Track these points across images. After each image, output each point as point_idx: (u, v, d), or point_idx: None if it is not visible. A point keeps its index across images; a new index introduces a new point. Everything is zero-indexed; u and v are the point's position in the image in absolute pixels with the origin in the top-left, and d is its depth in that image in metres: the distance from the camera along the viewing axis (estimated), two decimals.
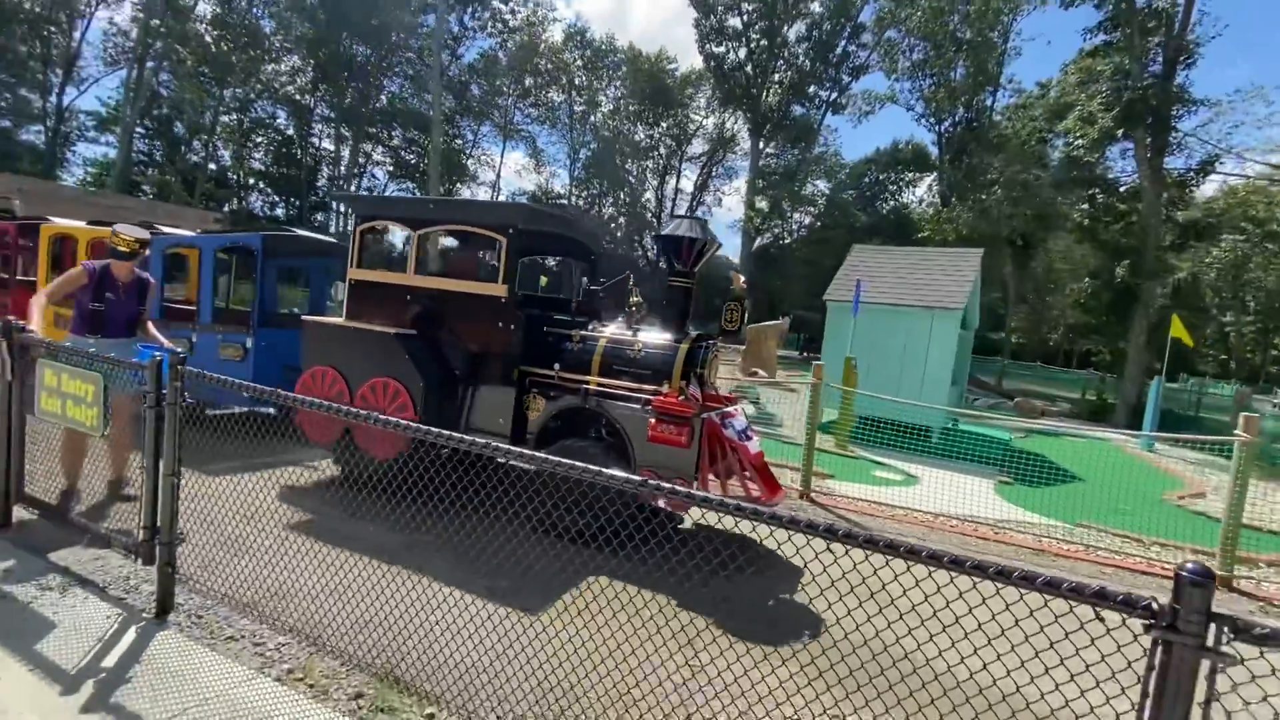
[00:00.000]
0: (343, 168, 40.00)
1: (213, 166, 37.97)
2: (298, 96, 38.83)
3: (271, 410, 6.51)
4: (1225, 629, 1.39)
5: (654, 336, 4.84)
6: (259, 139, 39.76)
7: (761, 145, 36.04)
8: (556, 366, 4.79)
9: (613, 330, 4.96)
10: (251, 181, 40.90)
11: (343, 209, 38.53)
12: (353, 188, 39.25)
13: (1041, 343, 42.64)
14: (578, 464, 2.15)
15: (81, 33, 31.26)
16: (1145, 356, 17.60)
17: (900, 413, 9.42)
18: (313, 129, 40.53)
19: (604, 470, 2.09)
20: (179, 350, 3.22)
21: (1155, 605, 1.44)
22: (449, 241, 5.56)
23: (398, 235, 5.29)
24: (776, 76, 34.03)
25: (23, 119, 31.06)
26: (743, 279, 4.86)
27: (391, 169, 43.18)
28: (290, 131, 40.02)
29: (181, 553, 3.36)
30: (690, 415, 4.26)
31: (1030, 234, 31.71)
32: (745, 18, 33.01)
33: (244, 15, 34.68)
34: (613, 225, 50.00)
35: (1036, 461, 9.08)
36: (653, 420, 4.34)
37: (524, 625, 3.25)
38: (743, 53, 33.76)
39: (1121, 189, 20.67)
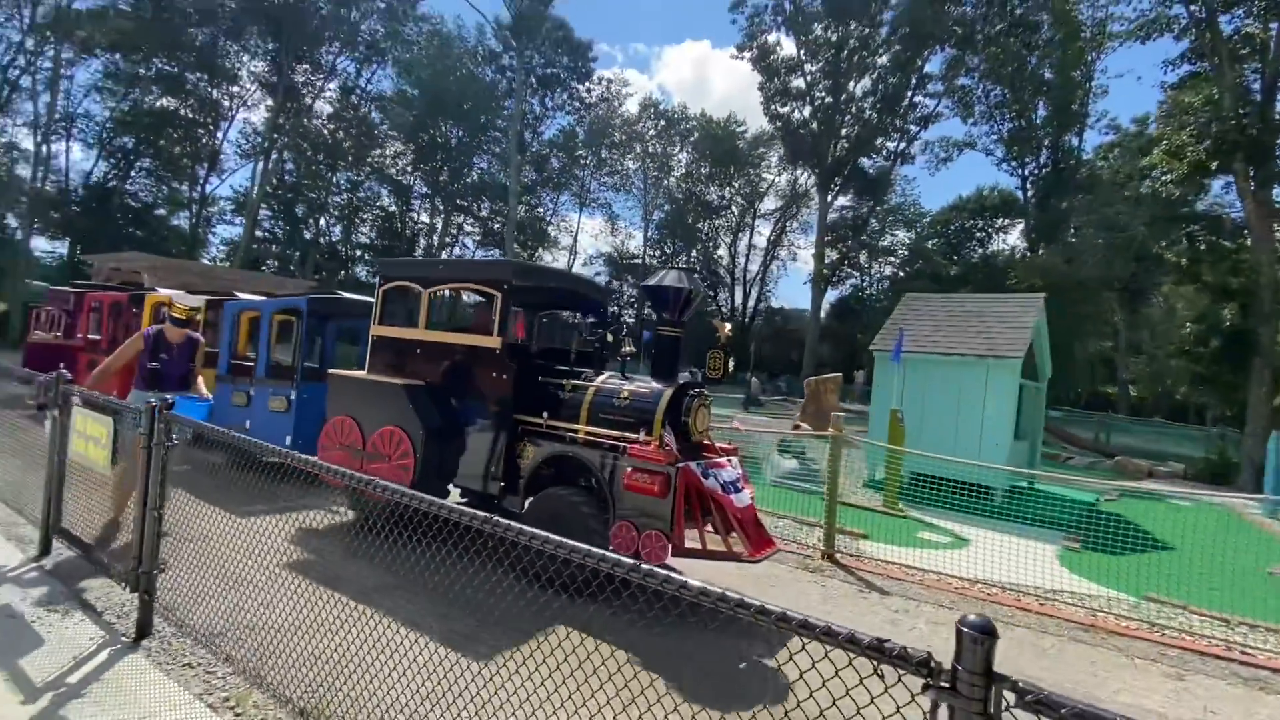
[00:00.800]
0: (435, 238, 43.25)
1: (325, 240, 42.21)
2: (399, 177, 42.82)
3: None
4: (1006, 691, 1.23)
5: (640, 385, 4.87)
6: (365, 215, 43.95)
7: (830, 199, 35.81)
8: (545, 414, 4.90)
9: (603, 379, 5.04)
10: (358, 254, 44.95)
11: None
12: (444, 255, 42.26)
13: (1166, 396, 38.51)
14: (532, 531, 2.06)
15: (224, 132, 36.26)
16: (1267, 409, 15.53)
17: (958, 470, 8.71)
18: (412, 205, 44.36)
19: (552, 538, 2.01)
20: (211, 400, 3.58)
21: (933, 663, 1.30)
22: (457, 298, 5.90)
23: (414, 294, 5.68)
24: (844, 131, 34.05)
25: (174, 207, 36.03)
26: (728, 327, 4.84)
27: (479, 237, 46.27)
28: (393, 208, 43.99)
29: (178, 584, 3.64)
30: (663, 464, 4.21)
31: (1135, 278, 29.27)
32: (808, 78, 33.51)
33: (355, 109, 39.03)
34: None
35: (1121, 526, 8.09)
36: (628, 469, 4.32)
37: (469, 673, 3.25)
38: (807, 111, 34.13)
39: (1227, 226, 18.84)
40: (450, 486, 5.43)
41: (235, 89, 35.52)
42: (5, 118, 29.05)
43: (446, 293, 5.59)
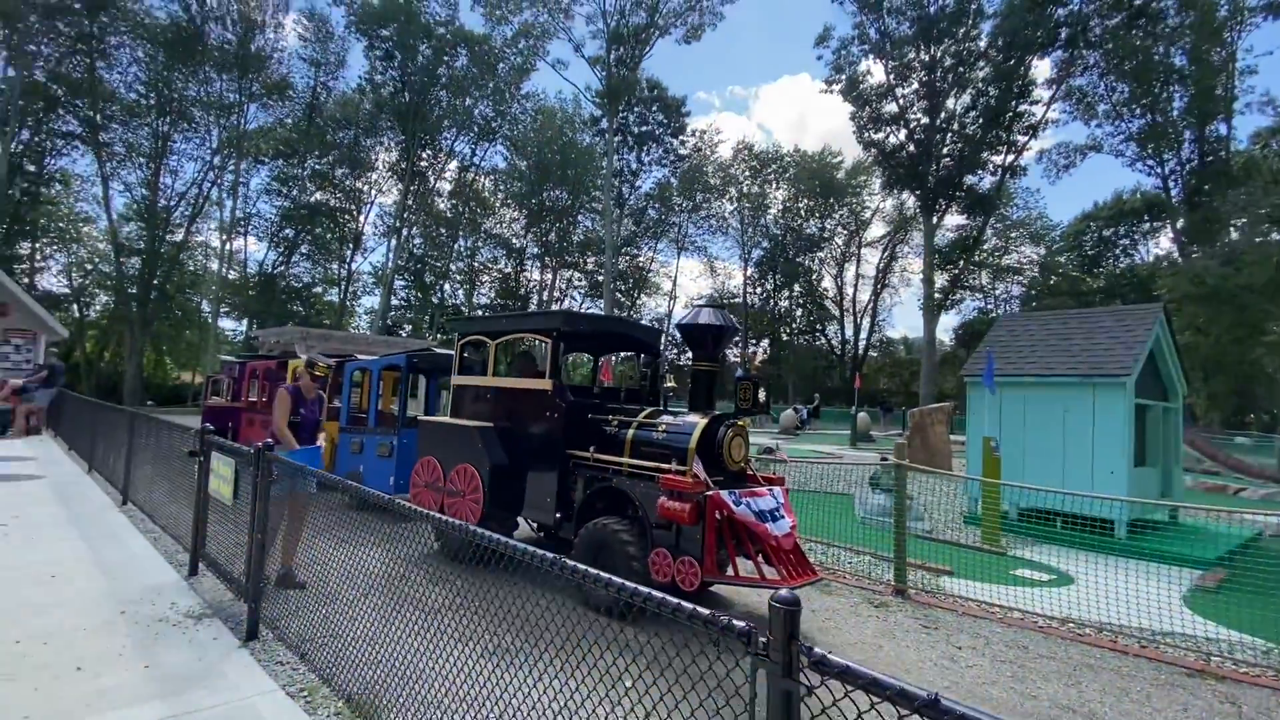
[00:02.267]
0: (546, 294, 46.08)
1: (451, 303, 46.29)
2: (513, 240, 46.41)
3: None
4: (803, 656, 1.41)
5: (677, 419, 5.14)
6: (485, 278, 47.86)
7: (936, 220, 34.18)
8: (591, 449, 5.29)
9: (645, 414, 5.36)
10: (480, 312, 48.88)
11: None
12: (555, 307, 44.84)
13: None
14: (563, 561, 2.13)
15: (365, 216, 41.42)
16: None
17: (1071, 503, 7.92)
18: (525, 264, 47.80)
19: (580, 567, 2.07)
20: (321, 446, 4.34)
21: (753, 634, 1.50)
22: (520, 348, 6.53)
23: (484, 346, 6.38)
24: (945, 150, 32.65)
25: (326, 284, 41.36)
26: (756, 359, 5.01)
27: (585, 289, 48.68)
28: (508, 269, 47.60)
29: (286, 598, 4.36)
30: (690, 491, 4.42)
31: None
32: (901, 102, 32.67)
33: (471, 184, 43.11)
34: (788, 318, 49.90)
35: None
36: (661, 498, 4.58)
37: (504, 681, 3.62)
38: (902, 134, 33.15)
39: None
40: (520, 519, 5.93)
41: (373, 176, 40.71)
42: (202, 222, 35.21)
43: (511, 343, 6.24)
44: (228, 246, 35.58)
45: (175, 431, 6.62)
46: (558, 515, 5.41)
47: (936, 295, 33.97)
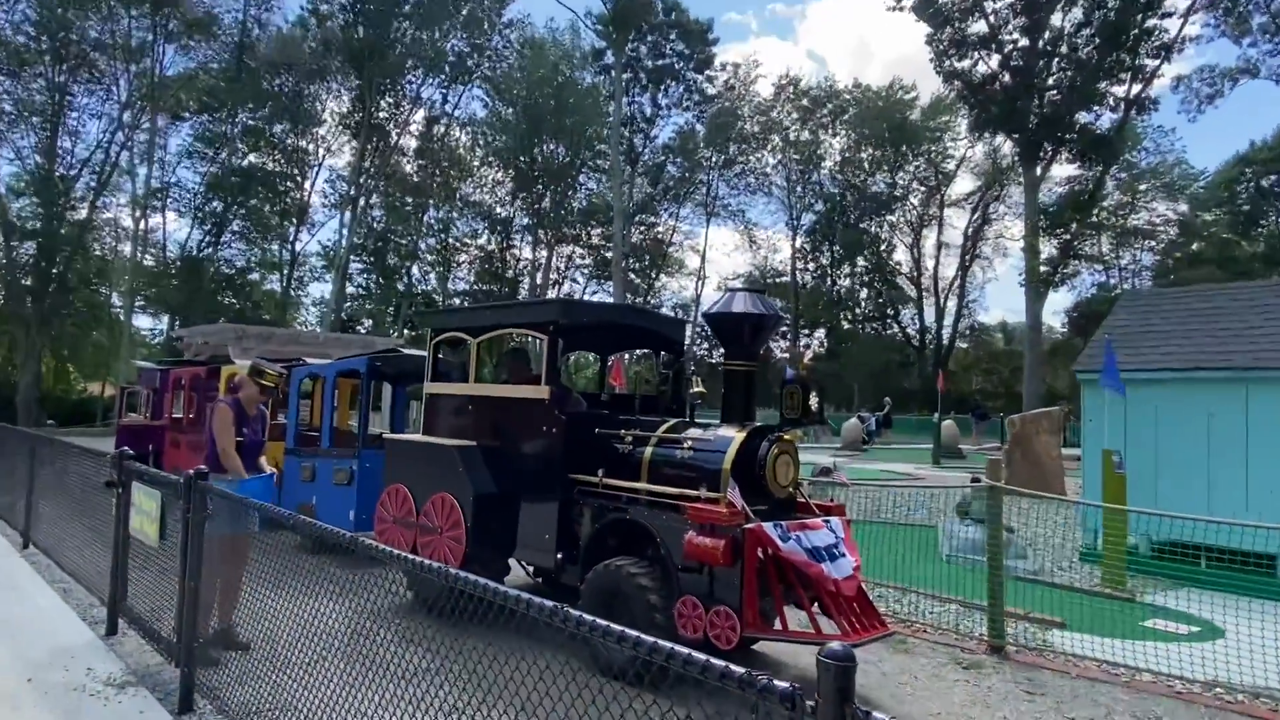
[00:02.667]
0: (539, 276, 46.40)
1: (420, 291, 46.86)
2: (497, 209, 46.79)
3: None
4: None
5: (707, 433, 5.21)
6: (462, 258, 48.31)
7: (1041, 171, 33.82)
8: (600, 472, 5.38)
9: (666, 427, 5.44)
10: (456, 301, 49.37)
11: None
12: (551, 293, 45.15)
13: None
14: (566, 611, 2.09)
15: (311, 182, 42.06)
16: None
17: (1220, 533, 7.76)
18: (513, 240, 48.15)
19: (588, 619, 2.05)
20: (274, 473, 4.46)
21: (798, 698, 1.57)
22: (507, 346, 6.65)
23: (463, 346, 6.51)
24: (1050, 80, 32.28)
25: (265, 269, 42.08)
26: (807, 357, 5.08)
27: (591, 269, 48.93)
28: (491, 246, 48.00)
29: (226, 661, 4.50)
30: (725, 524, 4.49)
31: None
32: (992, 19, 32.33)
33: (443, 139, 43.52)
34: (850, 301, 49.72)
35: None
36: (688, 533, 4.65)
37: None
38: (995, 61, 32.81)
39: None
40: (512, 561, 6.04)
41: (320, 133, 41.26)
42: (110, 196, 35.97)
43: (497, 340, 6.35)
44: (142, 225, 36.37)
45: (87, 458, 6.84)
46: (559, 556, 5.51)
47: (1042, 268, 33.55)
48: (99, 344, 37.22)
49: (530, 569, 6.48)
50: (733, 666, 1.66)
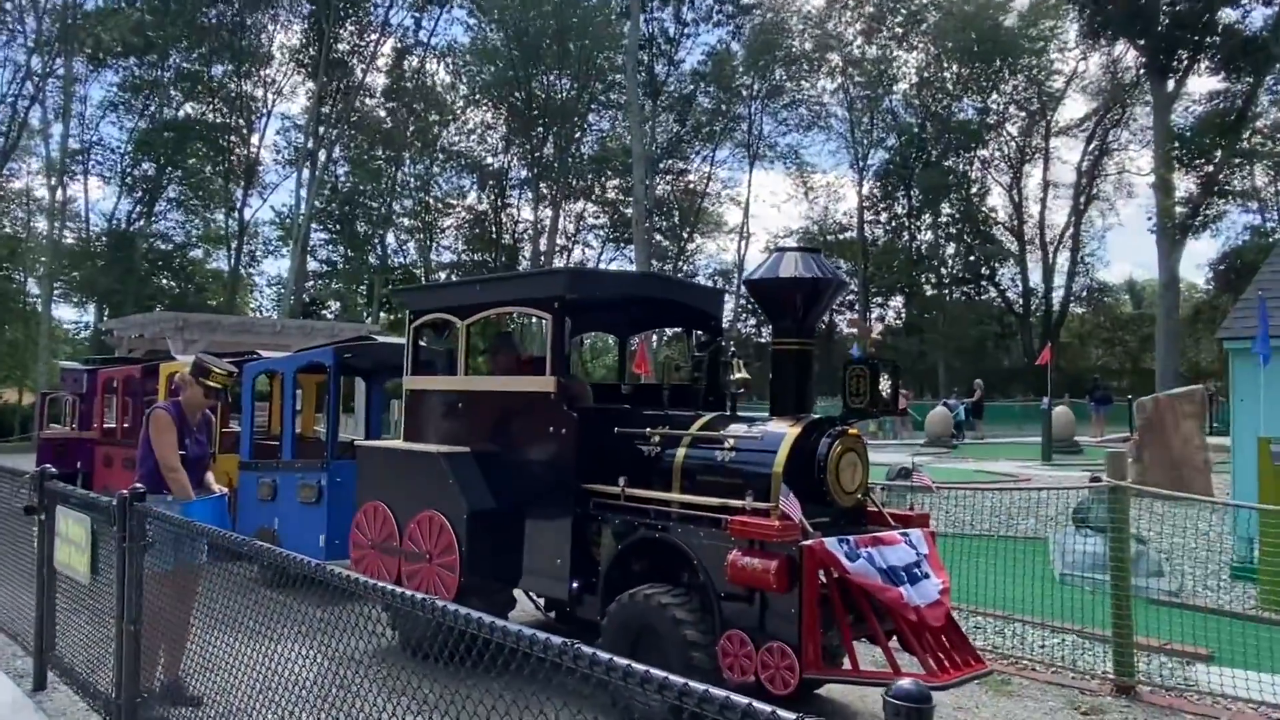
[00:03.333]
0: (543, 242, 46.48)
1: (397, 264, 47.22)
2: (487, 159, 46.88)
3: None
4: None
5: (753, 429, 5.21)
6: (446, 222, 48.52)
7: (1174, 88, 33.17)
8: (621, 481, 5.41)
9: (703, 423, 5.44)
10: (441, 276, 49.70)
11: None
12: (557, 262, 45.27)
13: None
14: (579, 649, 1.98)
15: (260, 135, 42.45)
16: None
17: None
18: (509, 196, 48.20)
19: (612, 660, 1.95)
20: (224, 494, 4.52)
21: None
22: (505, 329, 6.70)
23: (451, 330, 6.56)
24: None
25: (209, 243, 42.62)
26: (873, 332, 5.05)
27: (607, 228, 48.91)
28: (483, 205, 48.14)
29: (181, 718, 4.62)
30: (778, 540, 4.49)
31: None
32: None
33: (418, 74, 43.63)
34: (933, 260, 49.19)
35: None
36: (732, 552, 4.65)
37: None
38: None
39: None
40: (518, 591, 6.11)
41: (269, 74, 41.60)
42: (19, 161, 36.62)
43: (491, 321, 6.40)
44: (59, 195, 37.05)
45: (1, 479, 7.01)
46: (574, 585, 5.55)
47: (1178, 209, 32.99)
48: (13, 342, 38.00)
49: (540, 601, 6.53)
50: (781, 712, 1.67)
